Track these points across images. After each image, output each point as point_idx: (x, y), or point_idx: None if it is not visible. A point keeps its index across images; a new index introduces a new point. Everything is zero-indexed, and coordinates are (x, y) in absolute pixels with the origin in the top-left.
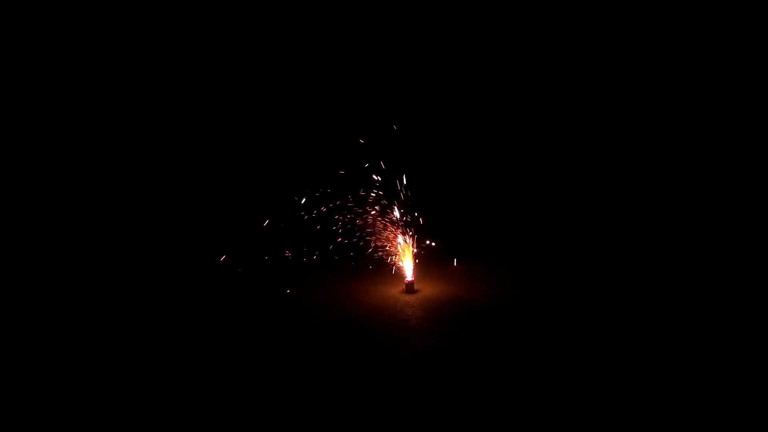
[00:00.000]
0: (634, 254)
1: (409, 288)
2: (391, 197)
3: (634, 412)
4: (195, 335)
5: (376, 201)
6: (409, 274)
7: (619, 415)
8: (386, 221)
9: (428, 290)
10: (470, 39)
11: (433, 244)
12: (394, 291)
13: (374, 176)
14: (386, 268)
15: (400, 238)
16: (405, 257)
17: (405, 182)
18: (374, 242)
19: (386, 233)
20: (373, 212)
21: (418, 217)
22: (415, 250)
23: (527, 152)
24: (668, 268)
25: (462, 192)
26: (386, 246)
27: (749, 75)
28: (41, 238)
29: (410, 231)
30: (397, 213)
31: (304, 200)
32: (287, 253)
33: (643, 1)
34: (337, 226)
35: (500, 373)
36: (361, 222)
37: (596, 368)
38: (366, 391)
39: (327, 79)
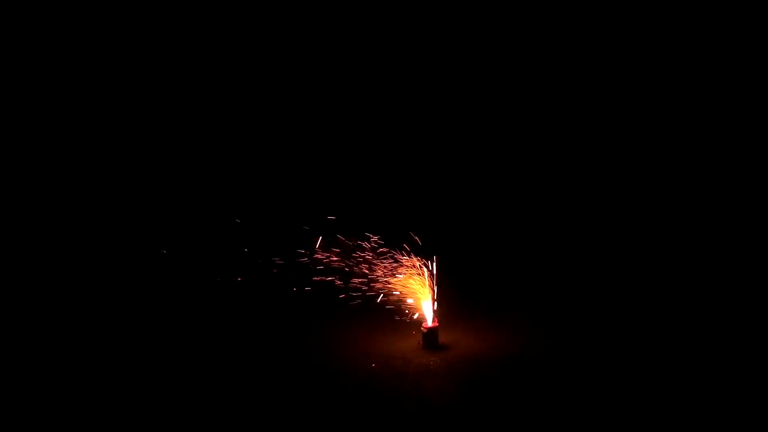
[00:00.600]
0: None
1: (430, 339)
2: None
3: None
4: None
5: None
6: (428, 316)
7: None
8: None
9: (461, 343)
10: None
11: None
12: (404, 345)
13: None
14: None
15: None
16: (419, 285)
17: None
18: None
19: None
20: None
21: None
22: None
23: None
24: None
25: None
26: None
27: (749, 75)
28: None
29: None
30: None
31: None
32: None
33: (643, 1)
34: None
35: None
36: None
37: None
38: None
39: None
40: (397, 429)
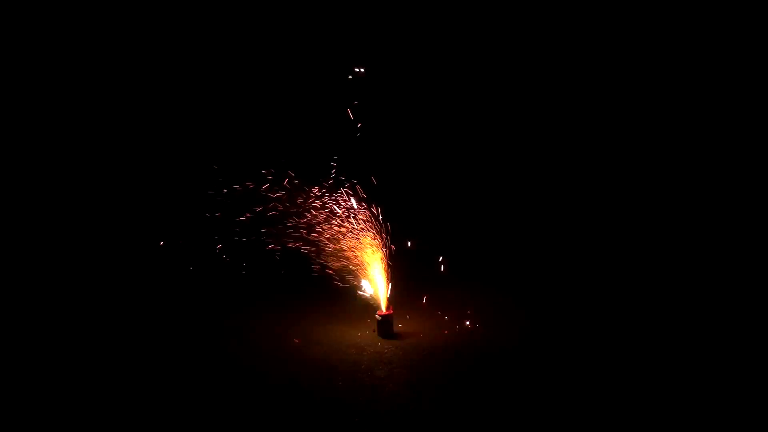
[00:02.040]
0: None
1: (384, 327)
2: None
3: None
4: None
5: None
6: (381, 300)
7: None
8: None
9: (417, 330)
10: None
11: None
12: (358, 333)
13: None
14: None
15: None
16: (370, 267)
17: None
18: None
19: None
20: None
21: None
22: (388, 258)
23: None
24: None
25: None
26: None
27: (749, 75)
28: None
29: (378, 224)
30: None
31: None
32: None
33: (643, 1)
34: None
35: None
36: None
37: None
38: None
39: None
40: (350, 419)
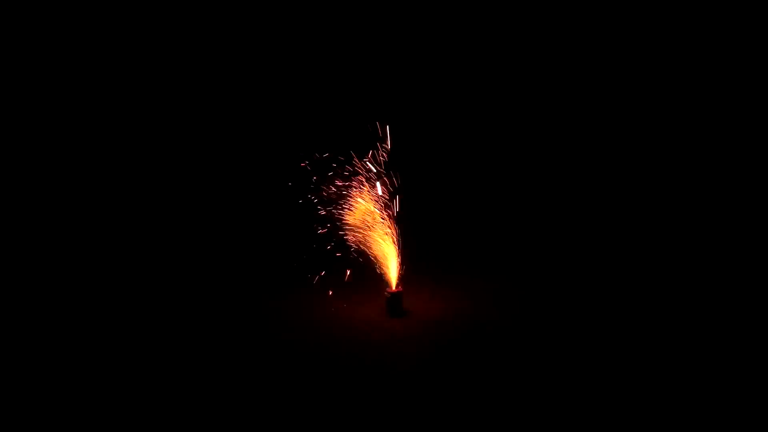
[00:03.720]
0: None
1: (394, 305)
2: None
3: None
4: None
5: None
6: (391, 276)
7: None
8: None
9: (426, 308)
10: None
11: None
12: (367, 311)
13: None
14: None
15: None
16: (379, 236)
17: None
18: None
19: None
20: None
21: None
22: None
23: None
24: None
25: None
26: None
27: (749, 75)
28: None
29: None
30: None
31: None
32: None
33: (643, 1)
34: None
35: None
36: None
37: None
38: None
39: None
40: (361, 396)
